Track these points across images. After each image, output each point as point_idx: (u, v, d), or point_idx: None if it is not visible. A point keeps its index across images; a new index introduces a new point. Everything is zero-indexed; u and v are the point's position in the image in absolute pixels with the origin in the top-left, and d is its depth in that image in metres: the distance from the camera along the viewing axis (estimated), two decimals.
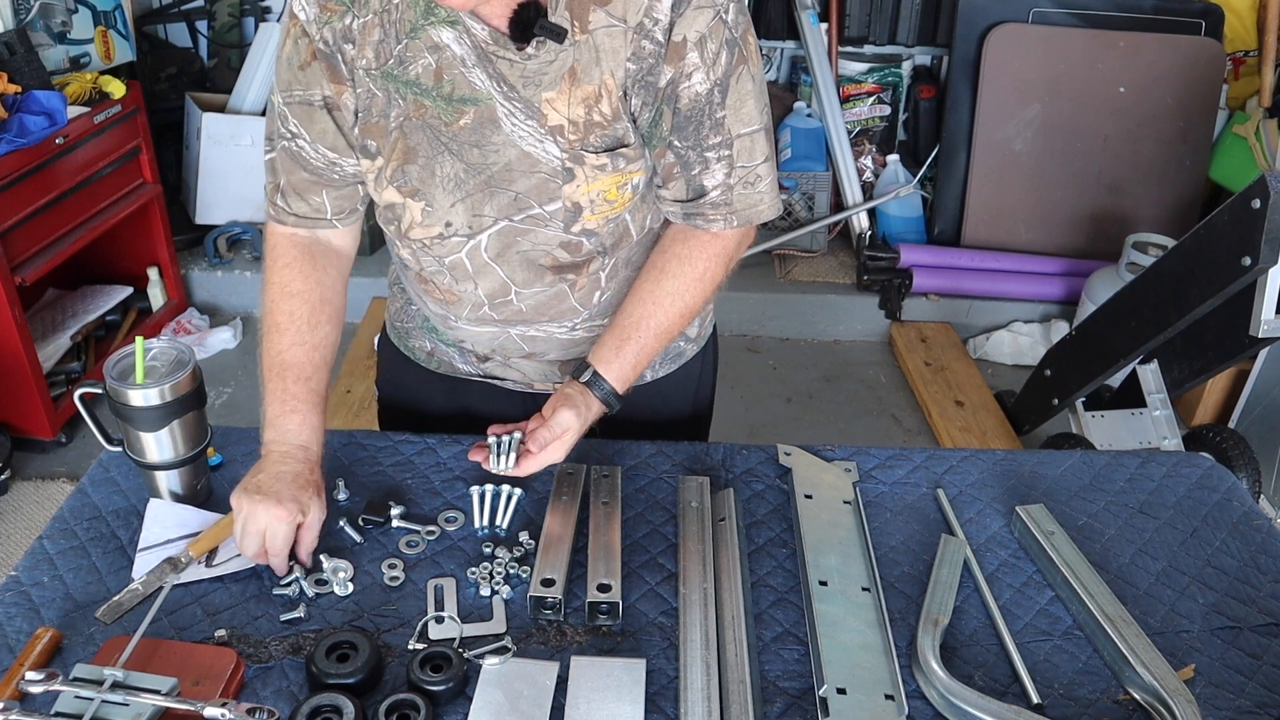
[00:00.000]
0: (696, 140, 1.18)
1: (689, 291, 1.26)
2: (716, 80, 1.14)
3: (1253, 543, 1.30)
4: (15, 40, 2.79)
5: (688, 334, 1.47)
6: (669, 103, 1.15)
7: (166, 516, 1.23)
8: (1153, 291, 2.41)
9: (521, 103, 1.13)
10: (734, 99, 1.16)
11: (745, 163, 1.20)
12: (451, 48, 1.11)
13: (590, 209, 1.20)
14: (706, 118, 1.16)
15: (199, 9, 3.89)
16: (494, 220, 1.21)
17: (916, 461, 1.42)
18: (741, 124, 1.18)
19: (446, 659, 1.04)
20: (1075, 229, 3.76)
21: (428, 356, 1.46)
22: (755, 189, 1.23)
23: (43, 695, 0.96)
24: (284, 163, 1.23)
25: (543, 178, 1.17)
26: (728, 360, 3.53)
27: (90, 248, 3.03)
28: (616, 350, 1.25)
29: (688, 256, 1.26)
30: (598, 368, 1.25)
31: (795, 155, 3.90)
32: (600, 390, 1.25)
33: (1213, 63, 3.58)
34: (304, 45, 1.16)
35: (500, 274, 1.26)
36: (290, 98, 1.19)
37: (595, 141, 1.16)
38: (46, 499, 2.76)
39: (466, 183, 1.18)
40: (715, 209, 1.23)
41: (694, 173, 1.20)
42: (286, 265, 1.26)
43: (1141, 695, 1.06)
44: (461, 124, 1.15)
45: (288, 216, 1.26)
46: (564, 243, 1.23)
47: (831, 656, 1.05)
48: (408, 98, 1.15)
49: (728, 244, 1.27)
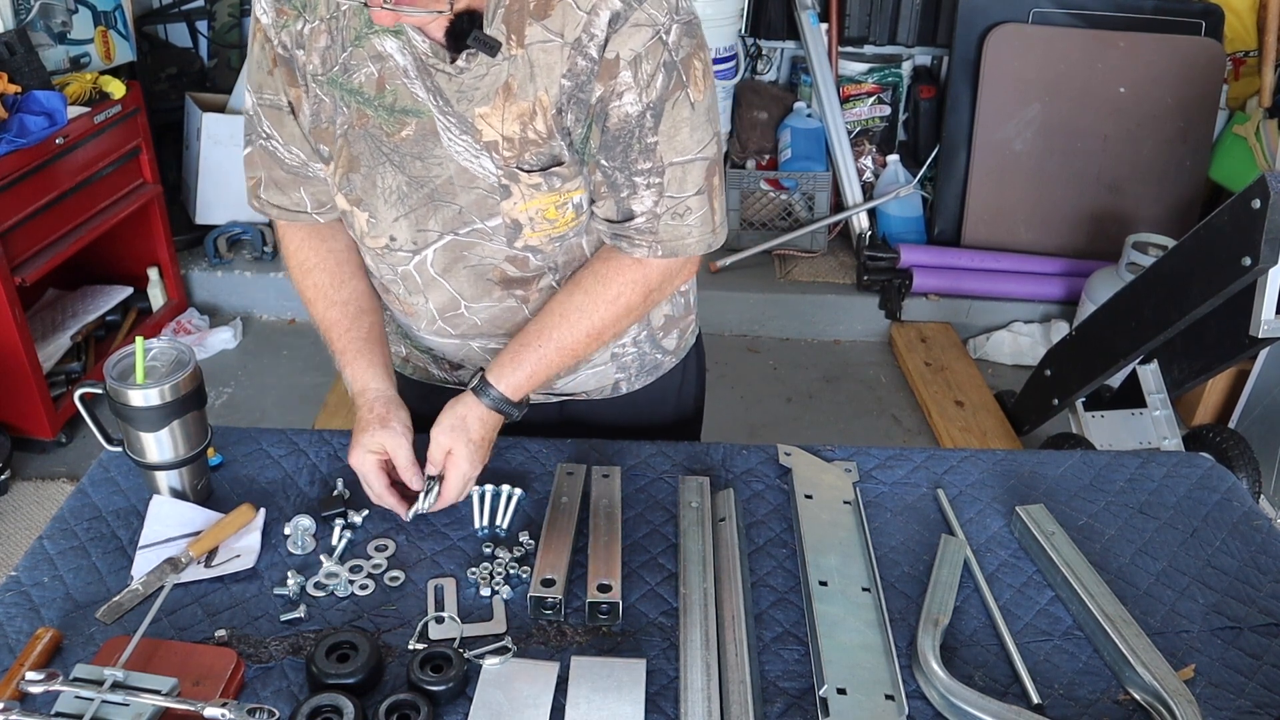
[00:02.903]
0: (625, 162, 1.14)
1: (598, 311, 1.22)
2: (649, 103, 1.10)
3: (1253, 543, 1.30)
4: (15, 40, 2.79)
5: (665, 346, 1.44)
6: (598, 120, 1.12)
7: (168, 514, 1.23)
8: (1153, 291, 2.41)
9: (456, 117, 1.11)
10: (668, 125, 1.12)
11: (675, 193, 1.16)
12: (395, 58, 1.10)
13: (530, 226, 1.18)
14: (636, 140, 1.12)
15: (199, 9, 3.89)
16: (439, 235, 1.20)
17: (916, 461, 1.42)
18: (675, 152, 1.14)
19: (446, 659, 1.04)
20: (1075, 229, 3.76)
21: (403, 362, 1.47)
22: (684, 221, 1.18)
23: (43, 695, 0.96)
24: (263, 159, 1.25)
25: (481, 193, 1.16)
26: (728, 360, 3.55)
27: (90, 248, 3.03)
28: (513, 358, 1.23)
29: (605, 276, 1.23)
30: (488, 375, 1.23)
31: (795, 155, 3.90)
32: (490, 398, 1.22)
33: (1213, 63, 3.57)
34: (268, 49, 1.16)
35: (449, 288, 1.26)
36: (262, 100, 1.20)
37: (530, 159, 1.13)
38: (46, 499, 2.76)
39: (410, 197, 1.18)
40: (640, 235, 1.19)
41: (622, 195, 1.17)
42: (298, 247, 1.32)
43: (1141, 695, 1.06)
44: (403, 135, 1.14)
45: (271, 209, 1.29)
46: (510, 257, 1.22)
47: (832, 656, 1.05)
48: (351, 105, 1.14)
49: (650, 273, 1.23)
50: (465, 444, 1.21)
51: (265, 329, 3.67)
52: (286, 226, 1.32)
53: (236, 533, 1.22)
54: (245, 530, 1.22)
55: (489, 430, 1.24)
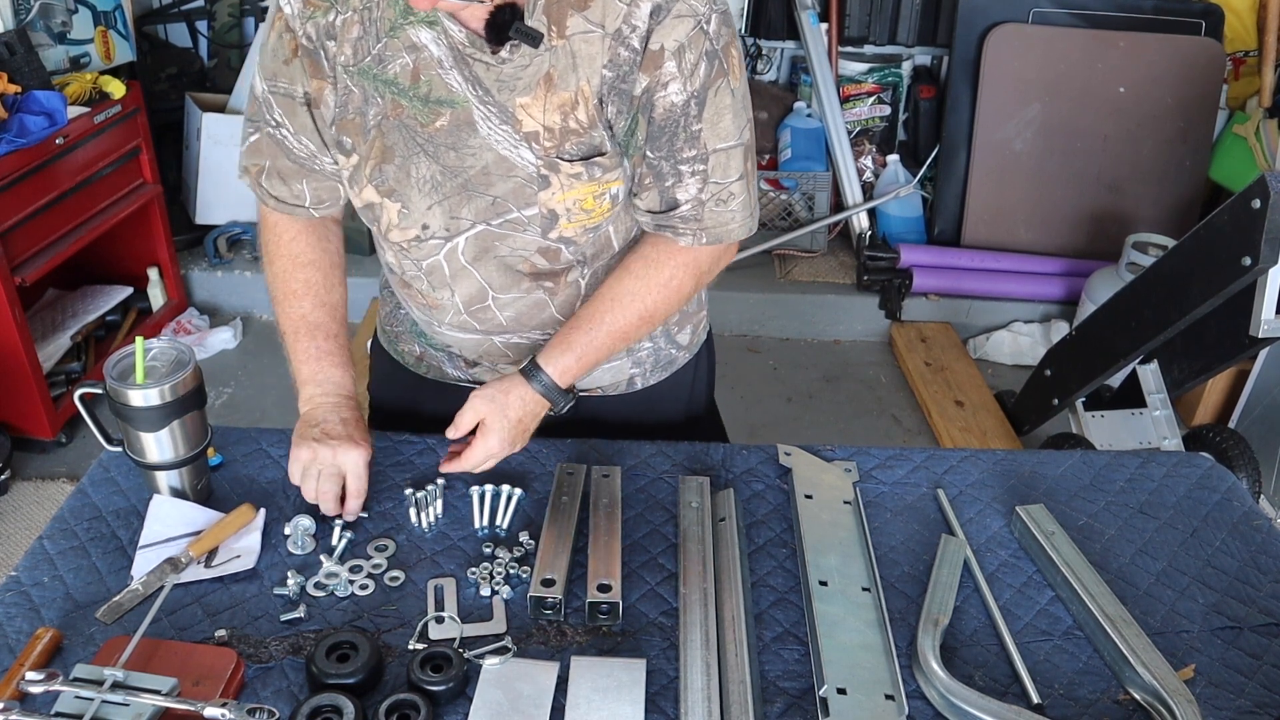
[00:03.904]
0: (670, 151, 1.16)
1: (650, 294, 1.24)
2: (693, 92, 1.12)
3: (1253, 543, 1.30)
4: (15, 40, 2.79)
5: (679, 341, 1.45)
6: (644, 112, 1.14)
7: (169, 514, 1.23)
8: (1153, 291, 2.41)
9: (496, 107, 1.12)
10: (711, 112, 1.14)
11: (719, 179, 1.18)
12: (430, 48, 1.11)
13: (567, 217, 1.18)
14: (681, 129, 1.14)
15: (199, 9, 3.89)
16: (471, 224, 1.20)
17: (916, 461, 1.42)
18: (718, 139, 1.16)
19: (446, 659, 1.04)
20: (1075, 229, 3.76)
21: (417, 361, 1.46)
22: (727, 207, 1.20)
23: (43, 695, 0.96)
24: (269, 147, 1.25)
25: (519, 182, 1.16)
26: (728, 360, 3.54)
27: (90, 248, 3.03)
28: (562, 340, 1.24)
29: (655, 260, 1.24)
30: (538, 358, 1.23)
31: (795, 155, 3.90)
32: (539, 383, 1.22)
33: (1213, 63, 3.58)
34: (288, 40, 1.16)
35: (477, 278, 1.26)
36: (275, 88, 1.20)
37: (571, 149, 1.14)
38: (46, 499, 2.76)
39: (443, 185, 1.18)
40: (685, 223, 1.21)
41: (667, 184, 1.18)
42: (293, 238, 1.31)
43: (1141, 695, 1.06)
44: (438, 125, 1.14)
45: (269, 199, 1.29)
46: (542, 249, 1.22)
47: (831, 656, 1.05)
48: (385, 97, 1.14)
49: (700, 257, 1.25)
50: (501, 417, 1.20)
51: (265, 329, 3.67)
52: (281, 217, 1.31)
53: (236, 533, 1.22)
54: (245, 530, 1.22)
55: (529, 414, 1.23)
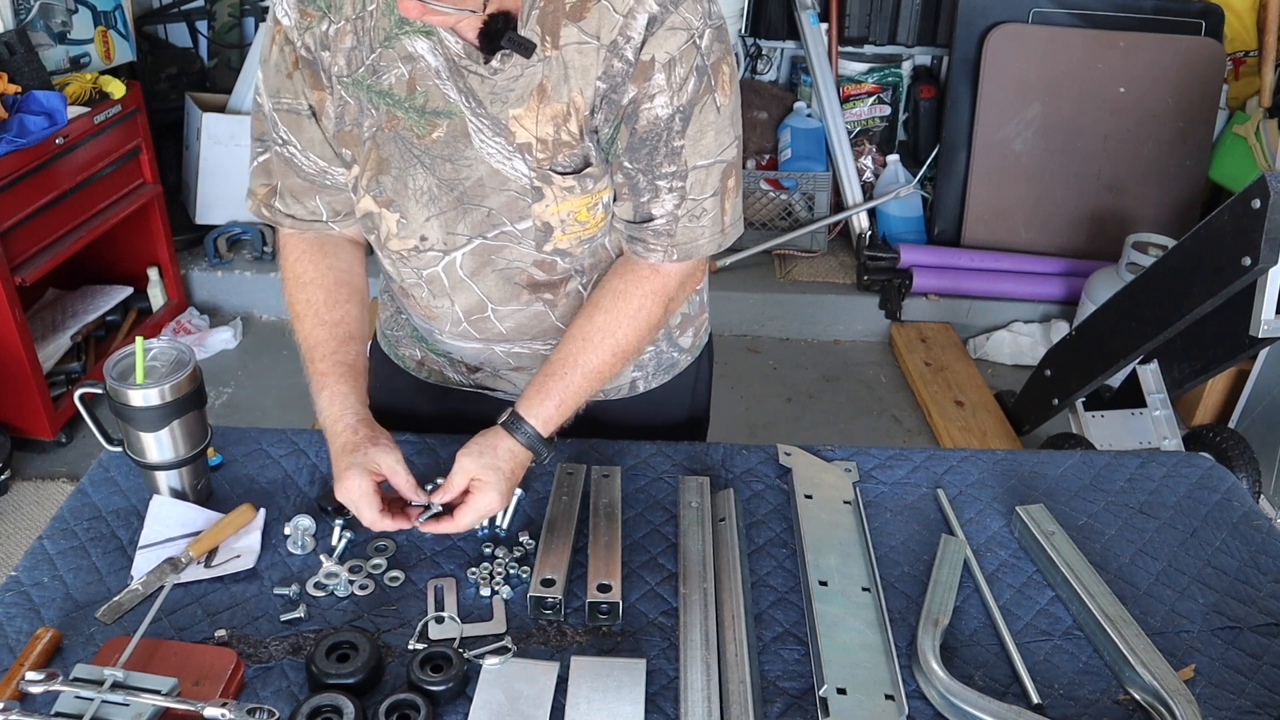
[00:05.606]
0: (649, 165, 1.14)
1: (621, 328, 1.20)
2: (679, 107, 1.10)
3: (1253, 543, 1.30)
4: (15, 40, 2.79)
5: (681, 345, 1.44)
6: (628, 121, 1.11)
7: (169, 514, 1.23)
8: (1153, 291, 2.41)
9: (489, 119, 1.11)
10: (695, 129, 1.12)
11: (695, 196, 1.17)
12: (426, 59, 1.09)
13: (561, 229, 1.17)
14: (663, 144, 1.12)
15: (199, 9, 3.89)
16: (468, 238, 1.19)
17: (916, 461, 1.42)
18: (699, 156, 1.14)
19: (446, 659, 1.04)
20: (1075, 229, 3.76)
21: (418, 366, 1.45)
22: (699, 222, 1.18)
23: (43, 695, 0.96)
24: (279, 166, 1.23)
25: (512, 195, 1.15)
26: (728, 360, 3.54)
27: (90, 248, 3.03)
28: (539, 390, 1.19)
29: (623, 292, 1.21)
30: (519, 409, 1.19)
31: (795, 155, 3.90)
32: (523, 434, 1.18)
33: (1213, 63, 3.58)
34: (288, 52, 1.15)
35: (476, 291, 1.25)
36: (279, 105, 1.18)
37: (564, 162, 1.13)
38: (46, 499, 2.76)
39: (440, 199, 1.17)
40: (657, 238, 1.19)
41: (643, 200, 1.16)
42: (297, 259, 1.28)
43: (1141, 695, 1.06)
44: (434, 137, 1.13)
45: (284, 219, 1.26)
46: (538, 261, 1.21)
47: (831, 656, 1.05)
48: (380, 108, 1.13)
49: (668, 281, 1.22)
50: (494, 471, 1.15)
51: (265, 329, 3.67)
52: (289, 236, 1.29)
53: (236, 533, 1.22)
54: (245, 530, 1.22)
55: (518, 466, 1.19)
